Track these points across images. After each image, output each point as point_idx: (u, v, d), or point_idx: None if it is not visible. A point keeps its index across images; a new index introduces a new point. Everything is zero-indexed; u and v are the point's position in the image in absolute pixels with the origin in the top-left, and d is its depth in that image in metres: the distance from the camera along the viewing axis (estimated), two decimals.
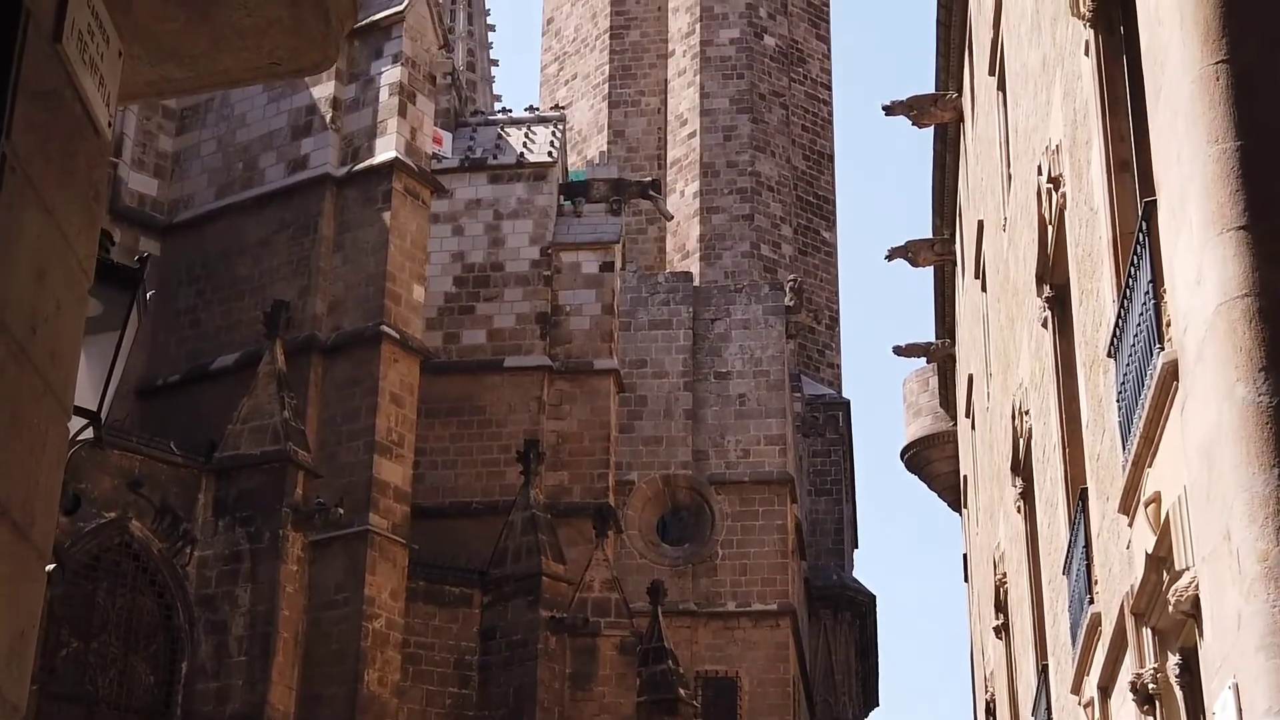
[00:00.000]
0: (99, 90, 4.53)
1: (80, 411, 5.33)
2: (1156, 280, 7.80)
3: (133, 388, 26.29)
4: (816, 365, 46.61)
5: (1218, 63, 6.73)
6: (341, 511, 22.74)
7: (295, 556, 22.44)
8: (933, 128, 24.85)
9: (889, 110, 24.01)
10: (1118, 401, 8.94)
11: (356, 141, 26.05)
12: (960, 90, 23.04)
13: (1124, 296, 8.55)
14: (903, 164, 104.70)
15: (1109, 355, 9.16)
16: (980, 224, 20.10)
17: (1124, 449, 8.73)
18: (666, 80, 48.39)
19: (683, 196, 46.00)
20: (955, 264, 26.14)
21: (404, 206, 25.35)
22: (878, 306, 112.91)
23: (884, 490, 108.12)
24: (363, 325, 24.82)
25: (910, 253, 26.73)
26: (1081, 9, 10.04)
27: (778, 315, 37.37)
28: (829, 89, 50.20)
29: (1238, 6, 6.75)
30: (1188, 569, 7.12)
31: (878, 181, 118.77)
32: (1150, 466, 8.09)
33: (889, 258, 26.59)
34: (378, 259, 24.94)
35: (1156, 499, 7.82)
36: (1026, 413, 14.69)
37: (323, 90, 26.42)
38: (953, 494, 31.96)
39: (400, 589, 24.50)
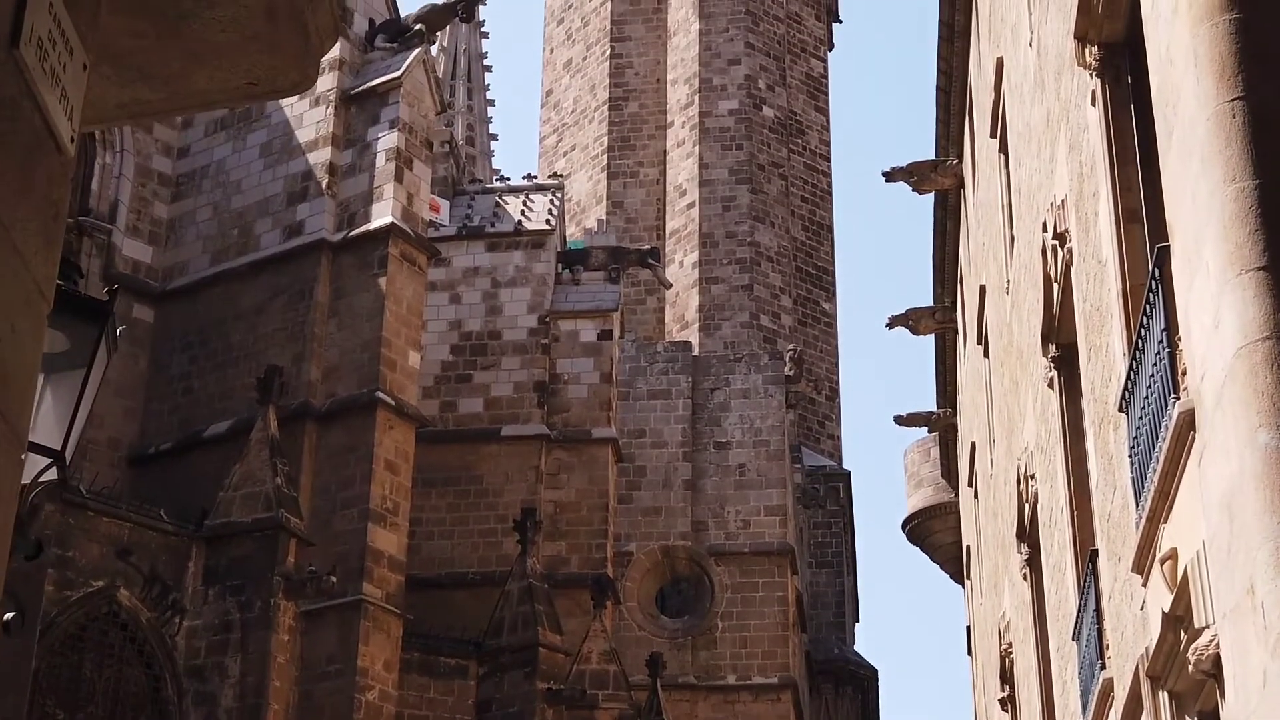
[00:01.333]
0: (60, 103, 4.27)
1: (43, 450, 5.07)
2: (1171, 328, 7.59)
3: (124, 456, 26.06)
4: (817, 436, 46.39)
5: (1234, 100, 6.56)
6: (334, 580, 22.41)
7: (287, 626, 22.08)
8: (933, 195, 24.80)
9: (889, 176, 23.94)
10: (1130, 457, 8.71)
11: (353, 207, 25.93)
12: (960, 156, 23.02)
13: (1135, 348, 8.33)
14: (903, 233, 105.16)
15: (1120, 410, 8.93)
16: (982, 289, 19.99)
17: (1137, 506, 8.50)
18: (665, 151, 48.47)
19: (682, 267, 45.95)
20: (957, 331, 26.04)
21: (400, 272, 25.19)
22: (878, 376, 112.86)
23: (885, 562, 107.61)
24: (358, 392, 24.60)
25: (911, 321, 26.64)
26: (1088, 59, 9.92)
27: (777, 385, 37.17)
28: (828, 160, 50.30)
29: (1253, 42, 6.59)
30: (1208, 627, 6.86)
31: (877, 251, 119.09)
32: (1165, 522, 7.85)
33: (890, 325, 26.49)
34: (373, 325, 24.75)
35: (1173, 555, 7.57)
36: (1032, 477, 14.49)
37: (319, 156, 26.34)
38: (955, 566, 31.73)
39: (394, 660, 24.13)
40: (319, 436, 24.57)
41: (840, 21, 54.30)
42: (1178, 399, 7.18)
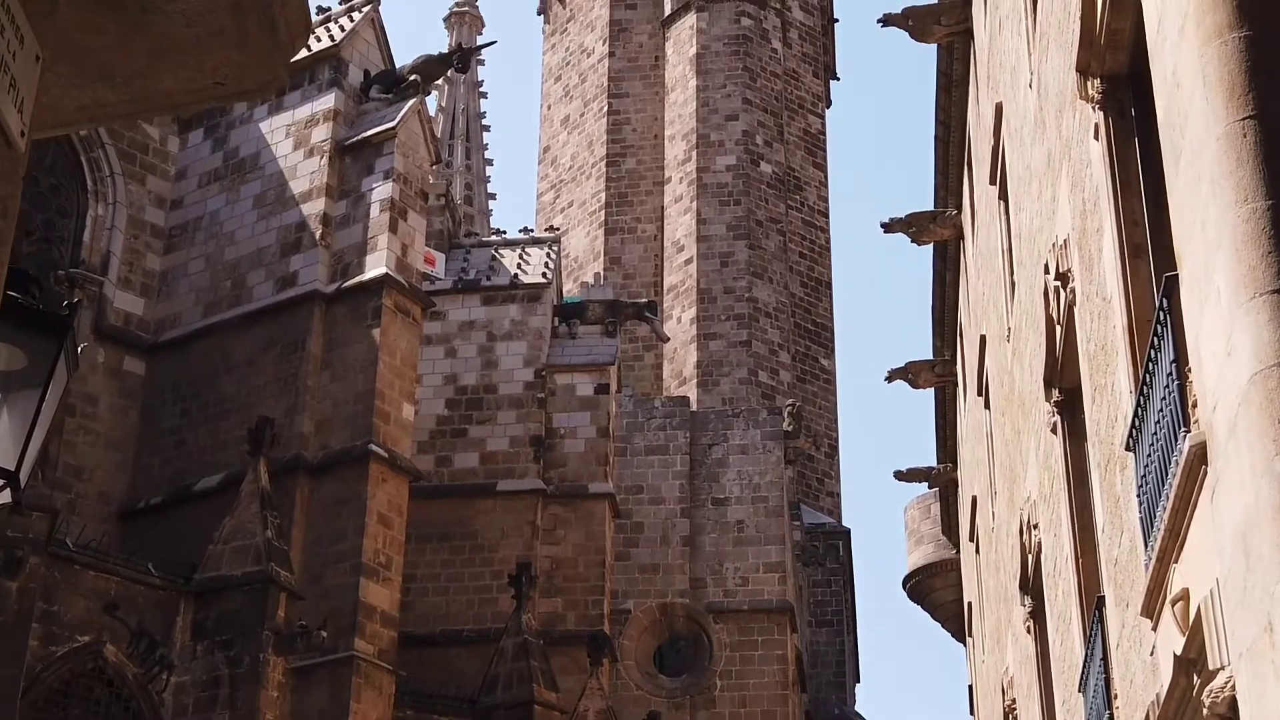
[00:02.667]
0: (9, 93, 4.03)
1: None
2: (1180, 360, 7.40)
3: (114, 510, 25.78)
4: (816, 494, 46.12)
5: (1244, 119, 6.38)
6: (325, 635, 22.08)
7: (276, 682, 21.70)
8: (932, 246, 24.75)
9: (888, 227, 23.90)
10: (1138, 497, 8.49)
11: (346, 258, 25.76)
12: (959, 207, 22.99)
13: (1143, 383, 8.13)
14: (901, 287, 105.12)
15: (1127, 449, 8.72)
16: (983, 339, 19.89)
17: (1146, 547, 8.28)
18: (663, 207, 48.43)
19: (680, 323, 45.81)
20: (956, 385, 25.94)
21: (394, 323, 25.00)
22: (877, 431, 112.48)
23: (886, 620, 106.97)
24: (350, 444, 24.35)
25: (910, 374, 26.58)
26: (1090, 92, 9.79)
27: (776, 440, 36.96)
28: (826, 216, 50.28)
29: (1263, 59, 6.42)
30: (1222, 668, 6.62)
31: (876, 306, 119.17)
32: (1176, 562, 7.63)
33: (889, 379, 26.44)
34: (367, 376, 24.53)
35: (1184, 596, 7.33)
36: (1035, 526, 14.30)
37: (313, 207, 26.20)
38: (956, 623, 31.47)
39: (387, 717, 23.76)
40: (311, 489, 24.31)
41: (838, 79, 54.48)
42: (1188, 432, 6.99)
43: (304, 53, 27.45)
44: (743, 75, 48.53)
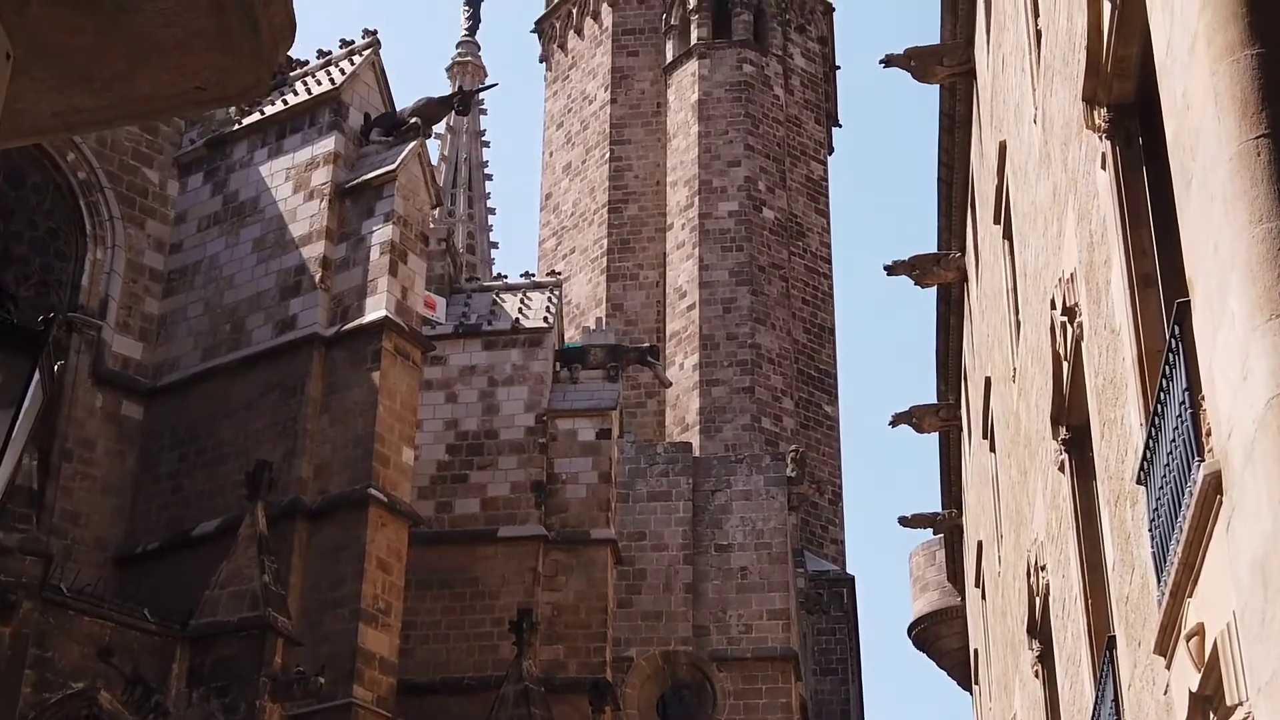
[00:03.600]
0: None
1: None
2: (1193, 388, 7.25)
3: (111, 556, 25.55)
4: (820, 541, 45.88)
5: (1258, 137, 6.26)
6: (323, 682, 21.80)
7: None
8: (935, 289, 24.68)
9: (891, 270, 23.81)
10: (1150, 531, 8.34)
11: (346, 301, 25.63)
12: (963, 249, 22.92)
13: (1154, 413, 7.98)
14: (905, 332, 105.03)
15: (1139, 483, 8.57)
16: (987, 381, 19.81)
17: (1159, 582, 8.11)
18: (665, 253, 48.38)
19: (682, 369, 45.67)
20: (961, 429, 25.85)
21: (394, 366, 24.83)
22: (882, 477, 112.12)
23: (891, 669, 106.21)
24: (349, 488, 24.14)
25: (915, 419, 26.51)
26: (1097, 121, 9.69)
27: (779, 486, 36.78)
28: (828, 263, 50.23)
29: (1276, 77, 6.31)
30: (1240, 704, 6.46)
31: (880, 351, 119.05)
32: (1191, 596, 7.45)
33: (893, 423, 26.38)
34: (366, 420, 24.35)
35: (1200, 631, 7.16)
36: (1043, 568, 14.15)
37: (312, 250, 26.09)
38: (962, 671, 31.26)
39: None
40: (309, 534, 24.09)
41: (840, 126, 54.57)
42: (1202, 461, 6.84)
43: (304, 96, 27.45)
44: (745, 121, 48.57)
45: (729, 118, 48.56)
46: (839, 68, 54.96)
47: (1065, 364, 11.69)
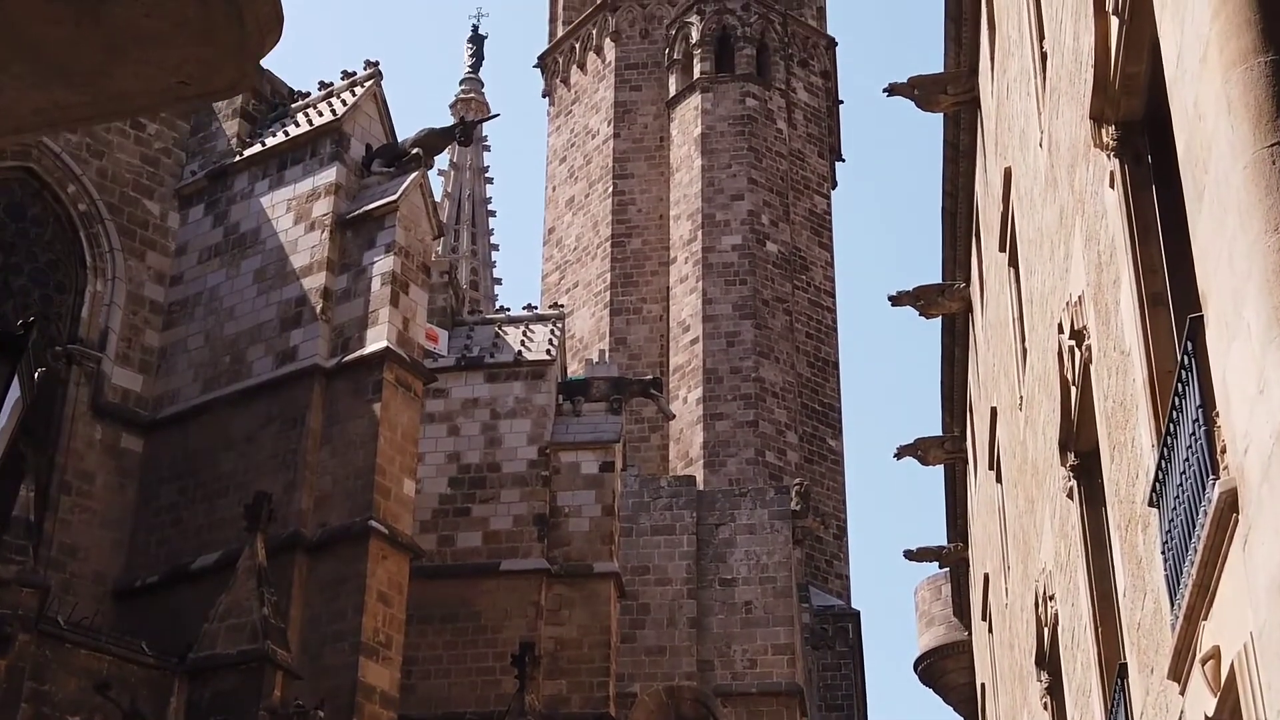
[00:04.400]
0: None
1: None
2: (1207, 404, 7.11)
3: (109, 589, 25.34)
4: (825, 576, 45.62)
5: (1273, 145, 6.16)
6: (323, 716, 21.57)
7: None
8: (940, 320, 24.58)
9: (895, 300, 23.72)
10: (1163, 554, 8.19)
11: (347, 332, 25.48)
12: (968, 280, 22.84)
13: (1167, 432, 7.83)
14: (909, 365, 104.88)
15: (1150, 505, 8.42)
16: (993, 411, 19.72)
17: (1173, 606, 7.96)
18: (668, 287, 48.29)
19: (685, 403, 45.52)
20: (967, 461, 25.74)
21: (395, 398, 24.66)
22: (887, 510, 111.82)
23: (897, 704, 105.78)
24: (350, 520, 23.93)
25: (920, 451, 26.40)
26: (1105, 139, 9.57)
27: (784, 520, 36.59)
28: (832, 296, 50.12)
29: None
30: None
31: (884, 384, 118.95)
32: (1206, 619, 7.30)
33: (898, 456, 26.29)
34: (367, 452, 24.16)
35: (1215, 654, 7.00)
36: (1051, 598, 14.00)
37: (313, 281, 25.96)
38: (969, 707, 31.03)
39: None
40: (309, 567, 23.87)
41: (843, 161, 54.57)
42: (1217, 479, 6.70)
43: (305, 127, 27.37)
44: (748, 155, 48.55)
45: (732, 151, 48.54)
46: (842, 102, 55.01)
47: (1073, 388, 11.58)
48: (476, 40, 66.62)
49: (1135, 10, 8.40)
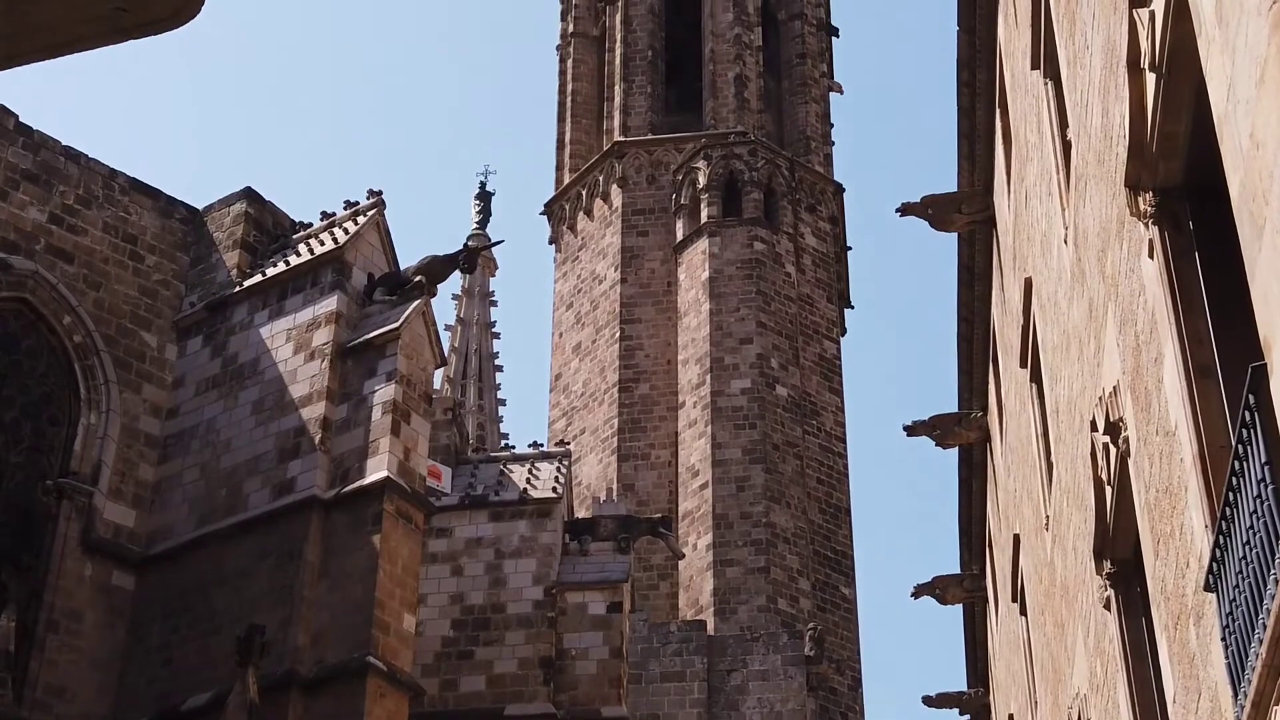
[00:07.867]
0: None
1: None
2: (1274, 464, 6.44)
3: None
4: None
5: None
6: None
7: None
8: (956, 452, 24.13)
9: (911, 430, 23.29)
10: (1223, 640, 7.46)
11: (347, 463, 24.84)
12: (985, 408, 22.37)
13: (1225, 502, 7.18)
14: (925, 504, 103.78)
15: (1207, 588, 7.73)
16: (1016, 538, 19.13)
17: (1236, 697, 7.23)
18: (677, 432, 47.69)
19: (695, 549, 44.66)
20: (986, 600, 25.04)
21: (395, 530, 23.93)
22: (903, 655, 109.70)
23: None
24: (348, 657, 23.06)
25: (938, 589, 25.77)
26: (1142, 207, 9.05)
27: (798, 666, 35.67)
28: (843, 442, 49.46)
29: None
30: None
31: (899, 526, 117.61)
32: (1278, 704, 6.56)
33: (915, 595, 25.69)
34: (366, 585, 23.37)
35: None
36: None
37: (312, 411, 25.38)
38: None
39: None
40: (305, 706, 22.93)
41: (852, 307, 54.26)
42: None
43: (307, 256, 27.03)
44: (756, 299, 48.25)
45: (740, 295, 48.24)
46: (850, 248, 54.89)
47: (1108, 489, 11.01)
48: (484, 196, 66.95)
49: (1175, 58, 7.91)
